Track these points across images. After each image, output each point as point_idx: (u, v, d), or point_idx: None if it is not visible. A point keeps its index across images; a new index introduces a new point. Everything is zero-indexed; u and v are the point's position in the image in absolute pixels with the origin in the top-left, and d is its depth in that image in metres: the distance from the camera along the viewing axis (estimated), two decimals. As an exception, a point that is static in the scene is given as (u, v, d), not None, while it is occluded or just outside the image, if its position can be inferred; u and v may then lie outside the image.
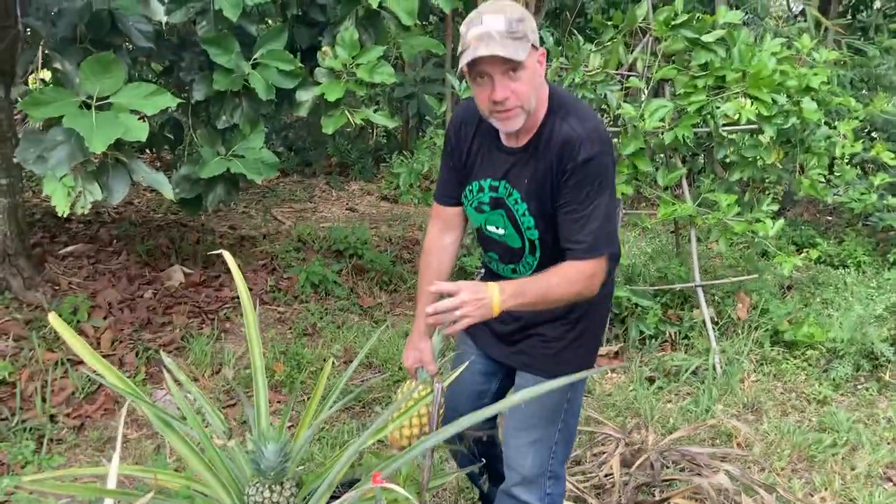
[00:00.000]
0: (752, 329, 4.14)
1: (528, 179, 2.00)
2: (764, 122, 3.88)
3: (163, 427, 1.90)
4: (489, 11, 1.85)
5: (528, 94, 1.88)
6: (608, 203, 1.96)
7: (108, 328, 3.98)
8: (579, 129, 1.93)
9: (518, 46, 1.82)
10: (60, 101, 2.68)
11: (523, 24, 1.84)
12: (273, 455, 1.62)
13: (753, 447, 3.22)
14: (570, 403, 2.18)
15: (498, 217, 2.11)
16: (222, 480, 1.80)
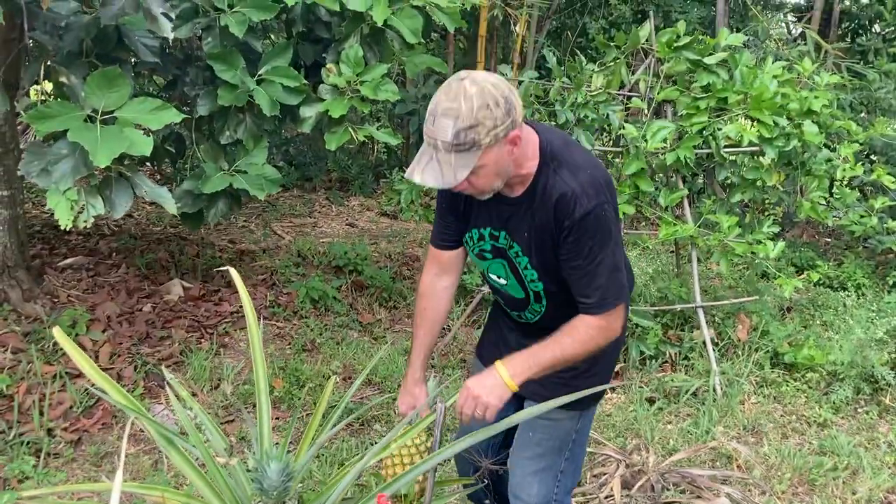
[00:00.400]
0: (752, 350, 4.13)
1: (526, 233, 1.97)
2: (765, 144, 3.89)
3: (164, 443, 1.89)
4: (442, 112, 1.71)
5: (489, 182, 1.82)
6: (613, 253, 1.92)
7: (106, 341, 3.96)
8: (573, 184, 1.85)
9: (462, 161, 1.72)
10: (66, 115, 2.69)
11: (475, 130, 1.69)
12: (276, 474, 1.61)
13: (754, 470, 3.20)
14: (579, 434, 2.18)
15: (500, 266, 2.09)
16: (224, 499, 1.79)
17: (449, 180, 1.74)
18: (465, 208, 2.07)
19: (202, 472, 1.84)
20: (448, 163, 1.73)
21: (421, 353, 2.27)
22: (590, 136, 4.12)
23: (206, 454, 1.81)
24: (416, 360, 2.27)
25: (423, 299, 2.26)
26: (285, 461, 1.62)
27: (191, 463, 1.86)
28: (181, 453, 1.88)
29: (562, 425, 2.13)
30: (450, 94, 1.71)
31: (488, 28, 7.47)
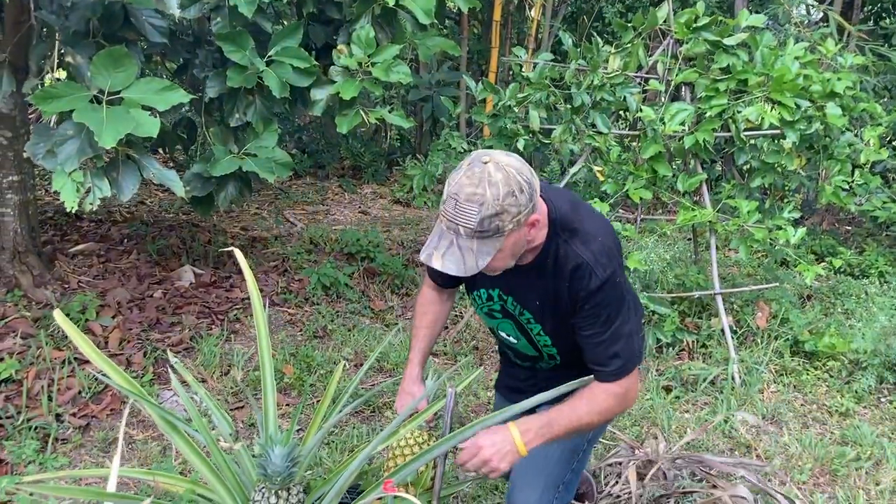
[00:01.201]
0: (771, 338, 4.05)
1: (539, 301, 1.95)
2: (786, 128, 3.80)
3: (168, 429, 1.84)
4: (465, 197, 1.66)
5: (504, 263, 1.80)
6: (629, 320, 1.90)
7: (116, 327, 3.93)
8: (586, 254, 1.83)
9: (483, 249, 1.69)
10: (71, 96, 2.64)
11: (500, 217, 1.66)
12: (280, 460, 1.55)
13: (773, 459, 3.13)
14: (589, 444, 2.13)
15: (509, 326, 2.09)
16: (227, 485, 1.74)
17: (471, 267, 1.70)
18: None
19: (206, 458, 1.79)
20: (470, 249, 1.69)
21: (419, 354, 2.26)
22: (606, 120, 4.04)
23: (210, 439, 1.76)
24: (414, 359, 2.25)
25: (422, 305, 2.28)
26: (290, 446, 1.57)
27: (195, 449, 1.81)
28: (185, 439, 1.83)
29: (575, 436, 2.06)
30: (473, 178, 1.66)
31: (503, 13, 7.38)
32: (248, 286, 2.05)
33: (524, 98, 4.14)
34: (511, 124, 4.14)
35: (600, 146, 4.06)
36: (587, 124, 4.08)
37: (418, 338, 2.28)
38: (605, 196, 4.05)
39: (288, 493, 1.60)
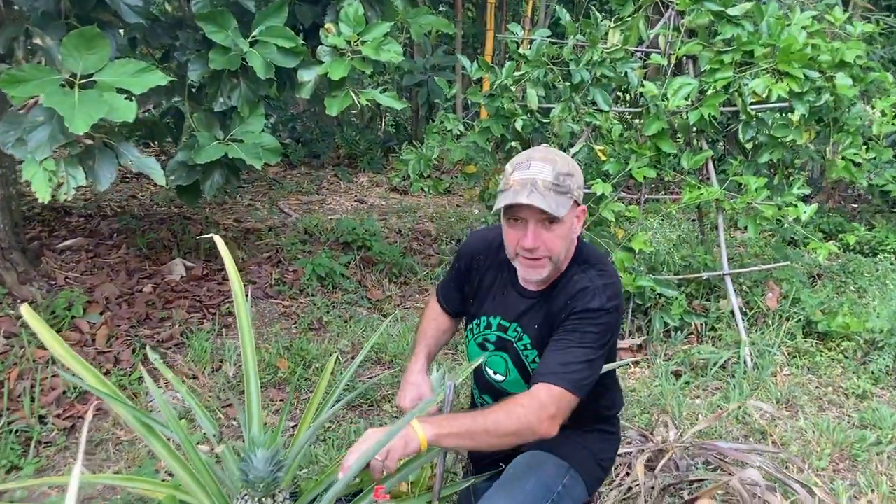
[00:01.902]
0: (782, 319, 3.90)
1: (538, 325, 1.93)
2: (795, 100, 3.64)
3: (143, 431, 1.70)
4: (539, 158, 1.80)
5: (559, 247, 1.82)
6: (597, 360, 1.83)
7: (104, 324, 3.79)
8: (598, 281, 1.86)
9: (560, 201, 1.76)
10: (40, 79, 2.48)
11: (571, 178, 1.79)
12: (263, 464, 1.41)
13: (790, 445, 2.99)
14: (566, 490, 1.94)
15: (500, 360, 2.02)
16: (208, 490, 1.60)
17: (553, 207, 1.74)
18: (478, 291, 2.06)
19: (184, 462, 1.65)
20: (547, 198, 1.74)
21: (426, 349, 2.16)
22: (606, 97, 3.88)
23: (187, 442, 1.61)
24: (420, 353, 2.14)
25: (431, 312, 2.25)
26: (273, 449, 1.42)
27: (173, 452, 1.67)
28: (162, 441, 1.69)
29: (547, 471, 1.94)
30: (537, 151, 1.83)
31: (497, -7, 7.21)
32: (229, 274, 1.91)
33: (521, 76, 3.99)
34: (508, 104, 3.99)
35: (601, 124, 3.90)
36: (587, 102, 3.93)
37: (425, 336, 2.21)
38: (607, 176, 3.90)
39: (273, 501, 1.46)
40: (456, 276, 2.16)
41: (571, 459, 1.98)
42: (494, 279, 2.04)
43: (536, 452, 1.98)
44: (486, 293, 2.05)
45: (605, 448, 2.11)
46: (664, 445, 2.77)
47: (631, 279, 3.77)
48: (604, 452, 2.10)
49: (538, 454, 1.97)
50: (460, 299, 2.16)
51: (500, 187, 1.83)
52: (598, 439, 2.08)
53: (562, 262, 1.88)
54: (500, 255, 2.00)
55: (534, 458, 1.96)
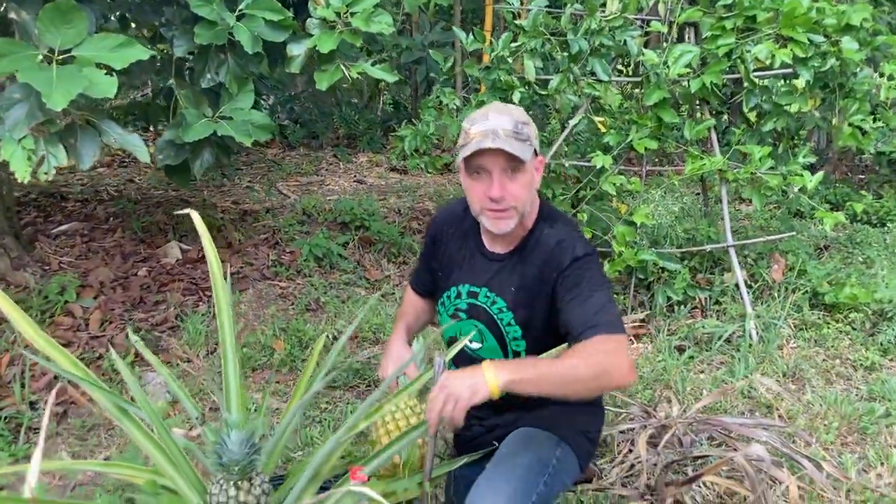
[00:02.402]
0: (788, 292, 3.81)
1: (514, 287, 1.92)
2: (799, 66, 3.53)
3: (119, 415, 1.64)
4: (495, 111, 1.84)
5: (524, 196, 1.85)
6: (610, 298, 1.83)
7: (97, 308, 3.74)
8: (569, 234, 1.90)
9: (522, 148, 1.79)
10: (16, 54, 2.40)
11: (528, 127, 1.84)
12: (237, 446, 1.34)
13: (797, 419, 2.91)
14: (560, 464, 1.89)
15: (472, 328, 1.99)
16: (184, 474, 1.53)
17: (518, 151, 1.77)
18: (446, 264, 2.06)
19: (162, 446, 1.59)
20: (510, 144, 1.77)
21: (404, 326, 2.16)
22: (606, 66, 3.78)
23: (160, 425, 1.55)
24: (399, 328, 2.15)
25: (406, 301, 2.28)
26: (248, 431, 1.36)
27: (149, 436, 1.61)
28: (137, 424, 1.62)
29: (540, 445, 1.90)
30: (494, 105, 1.89)
31: (494, -34, 7.06)
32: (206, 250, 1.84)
33: (518, 48, 3.89)
34: (505, 77, 3.89)
35: (601, 95, 3.80)
36: (586, 73, 3.82)
37: (405, 314, 2.21)
38: (608, 148, 3.81)
39: (250, 484, 1.39)
40: (425, 255, 2.17)
41: (560, 433, 1.94)
42: (460, 248, 2.03)
43: (526, 429, 1.94)
44: (453, 264, 2.04)
45: (590, 420, 2.07)
46: (667, 421, 2.70)
47: (632, 253, 3.69)
48: (590, 425, 2.06)
49: (528, 430, 1.93)
50: (431, 279, 2.14)
51: (459, 143, 1.86)
52: (582, 412, 2.03)
53: (527, 215, 1.90)
54: (465, 224, 2.01)
55: (525, 435, 1.92)
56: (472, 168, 1.83)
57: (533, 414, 1.97)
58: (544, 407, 1.94)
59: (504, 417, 2.01)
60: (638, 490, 2.42)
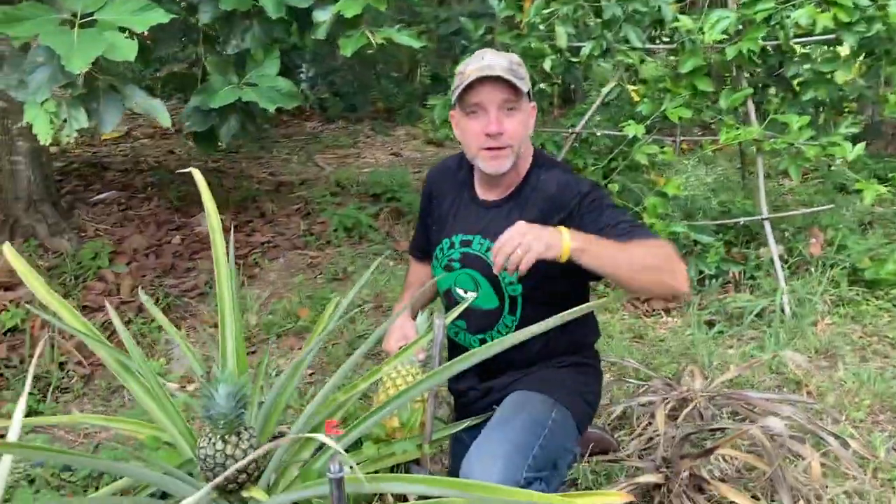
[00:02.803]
0: (826, 267, 3.69)
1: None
2: (843, 31, 3.38)
3: (120, 370, 1.65)
4: (491, 52, 1.87)
5: (520, 135, 1.86)
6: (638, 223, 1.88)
7: (129, 274, 3.80)
8: (568, 175, 1.94)
9: (519, 82, 1.81)
10: (38, 18, 2.43)
11: (522, 68, 1.86)
12: (224, 400, 1.34)
13: (827, 396, 2.82)
14: (556, 425, 1.85)
15: (468, 277, 1.98)
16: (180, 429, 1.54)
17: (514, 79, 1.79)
18: (441, 218, 2.06)
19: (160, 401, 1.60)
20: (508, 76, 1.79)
21: (408, 298, 2.16)
22: (639, 33, 3.68)
23: (154, 381, 1.55)
24: (403, 301, 2.16)
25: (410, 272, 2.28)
26: (237, 386, 1.35)
27: (149, 391, 1.62)
28: (139, 381, 1.64)
29: (535, 407, 1.87)
30: (489, 49, 1.90)
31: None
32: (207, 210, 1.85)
33: (550, 14, 3.80)
34: (537, 44, 3.81)
35: (634, 63, 3.71)
36: (619, 39, 3.73)
37: (409, 286, 2.24)
38: (641, 118, 3.72)
39: (238, 438, 1.39)
40: (421, 216, 2.17)
41: (555, 395, 1.91)
42: (453, 201, 2.02)
43: (521, 392, 1.92)
44: (446, 217, 2.03)
45: (586, 381, 2.04)
46: (689, 394, 2.63)
47: (664, 225, 3.61)
48: (586, 386, 2.04)
49: (524, 393, 1.91)
50: (428, 240, 2.12)
51: (455, 84, 1.86)
52: (577, 372, 2.01)
53: (521, 157, 1.91)
54: (459, 177, 2.01)
55: (521, 397, 1.90)
56: (469, 107, 1.83)
57: (527, 377, 1.95)
58: (538, 369, 1.94)
59: (499, 380, 1.99)
60: (654, 462, 2.37)
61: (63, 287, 3.59)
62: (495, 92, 1.79)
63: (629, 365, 2.96)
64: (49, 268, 3.76)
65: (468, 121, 1.85)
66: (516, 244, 1.56)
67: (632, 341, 3.30)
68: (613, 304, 3.59)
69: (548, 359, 1.94)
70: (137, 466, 1.34)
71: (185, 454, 1.53)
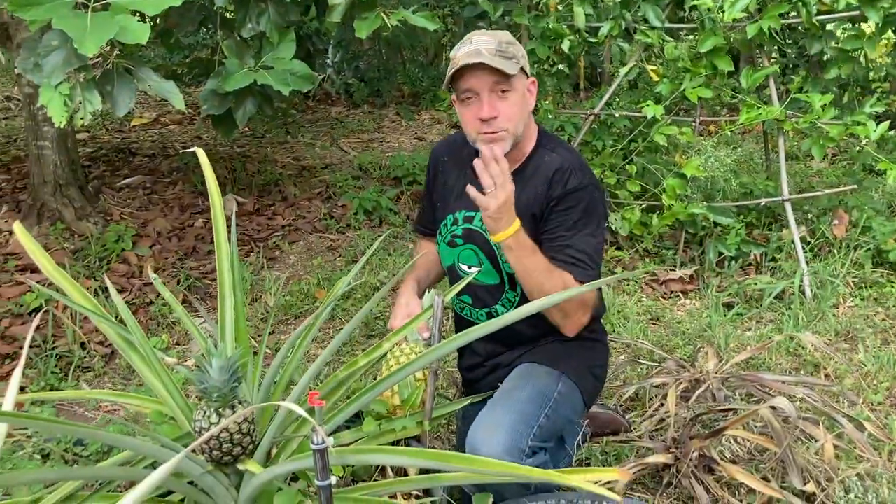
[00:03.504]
0: (850, 249, 3.63)
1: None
2: (867, 7, 3.31)
3: (124, 346, 1.68)
4: (479, 34, 1.85)
5: (515, 116, 1.84)
6: (597, 240, 1.87)
7: (151, 256, 3.86)
8: (571, 159, 1.90)
9: (507, 64, 1.78)
10: (52, 2, 2.47)
11: (513, 46, 1.83)
12: (218, 373, 1.36)
13: (844, 379, 2.78)
14: (561, 398, 1.88)
15: (471, 253, 2.00)
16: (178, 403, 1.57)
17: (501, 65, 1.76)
18: (445, 193, 2.07)
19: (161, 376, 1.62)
20: (494, 61, 1.76)
21: (414, 277, 2.13)
22: (658, 12, 3.63)
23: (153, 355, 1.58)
24: (408, 280, 2.12)
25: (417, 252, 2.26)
26: (231, 359, 1.37)
27: (151, 365, 1.65)
28: (141, 356, 1.67)
29: (540, 379, 1.89)
30: (479, 31, 1.88)
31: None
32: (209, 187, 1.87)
33: (568, -6, 3.77)
34: (554, 24, 3.78)
35: (653, 42, 3.66)
36: (638, 19, 3.69)
37: (415, 266, 2.20)
38: (660, 98, 3.68)
39: (233, 412, 1.41)
40: (426, 191, 2.18)
41: (561, 367, 1.92)
42: (457, 177, 2.02)
43: (528, 365, 1.94)
44: (450, 193, 2.04)
45: (593, 356, 2.05)
46: (702, 375, 2.61)
47: (682, 207, 3.57)
48: (593, 360, 2.04)
49: (530, 366, 1.93)
50: (434, 216, 2.12)
51: (449, 70, 1.84)
52: (583, 346, 2.01)
53: (522, 138, 1.89)
54: (464, 153, 1.99)
55: (526, 370, 1.92)
56: (462, 93, 1.83)
57: (534, 351, 1.96)
58: (544, 344, 1.96)
59: (505, 356, 2.01)
60: (664, 443, 2.36)
61: (87, 269, 3.65)
62: (484, 77, 1.78)
63: (644, 346, 2.94)
64: (74, 250, 3.83)
65: (463, 107, 1.86)
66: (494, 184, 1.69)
67: (648, 323, 3.28)
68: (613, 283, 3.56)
69: (554, 333, 1.93)
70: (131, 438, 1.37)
71: (184, 427, 1.56)
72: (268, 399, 1.69)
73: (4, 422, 1.15)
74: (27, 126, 4.11)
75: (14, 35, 3.68)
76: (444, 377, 2.69)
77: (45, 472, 1.22)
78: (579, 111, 4.19)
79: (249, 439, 1.44)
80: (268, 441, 1.47)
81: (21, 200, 4.33)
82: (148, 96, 7.64)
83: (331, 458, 1.19)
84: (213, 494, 1.43)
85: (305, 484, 1.66)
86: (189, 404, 1.57)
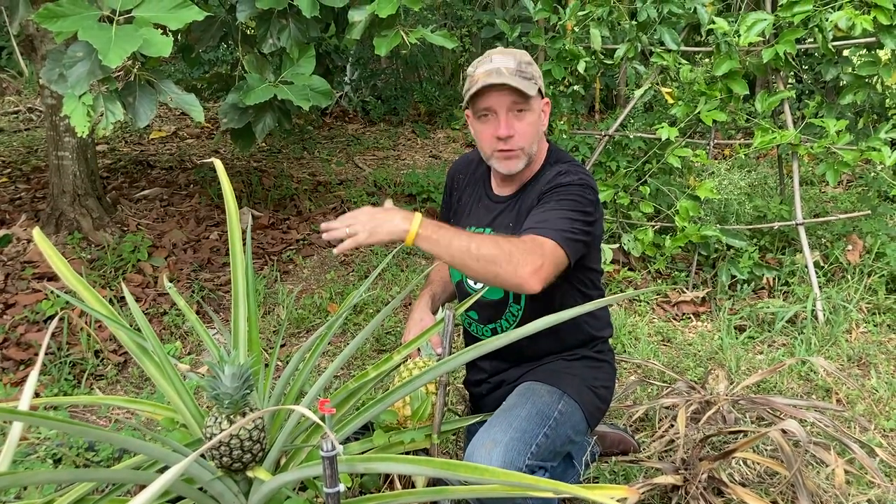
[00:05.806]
0: (864, 275, 3.61)
1: (512, 223, 1.96)
2: (883, 34, 3.33)
3: (138, 352, 1.70)
4: (498, 53, 1.88)
5: (531, 136, 1.88)
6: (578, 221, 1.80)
7: (166, 267, 3.90)
8: (567, 167, 1.92)
9: (526, 85, 1.82)
10: (78, 14, 2.52)
11: (531, 67, 1.87)
12: (229, 380, 1.38)
13: (856, 404, 2.77)
14: (562, 417, 1.88)
15: None
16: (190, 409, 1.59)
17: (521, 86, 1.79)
18: (459, 210, 2.12)
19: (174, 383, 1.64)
20: (515, 81, 1.80)
21: (429, 293, 2.17)
22: (675, 35, 3.66)
23: (166, 361, 1.60)
24: (423, 296, 2.16)
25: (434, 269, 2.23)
26: (243, 367, 1.39)
27: (164, 372, 1.67)
28: (155, 363, 1.69)
29: (541, 397, 1.89)
30: (497, 49, 1.91)
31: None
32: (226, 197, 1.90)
33: (585, 16, 3.80)
34: (571, 46, 3.81)
35: (669, 65, 3.68)
36: (654, 42, 3.71)
37: (431, 282, 2.24)
38: (675, 120, 3.69)
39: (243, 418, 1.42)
40: (443, 208, 2.21)
41: (564, 386, 1.93)
42: (472, 195, 2.07)
43: (530, 383, 1.94)
44: (464, 209, 2.08)
45: (598, 376, 2.05)
46: (712, 397, 2.61)
47: (695, 229, 3.58)
48: (598, 380, 2.04)
49: (532, 385, 1.94)
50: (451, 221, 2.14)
51: (465, 88, 1.87)
52: (588, 366, 2.02)
53: (535, 157, 1.93)
54: (478, 172, 2.05)
55: (528, 388, 1.92)
56: (480, 111, 1.87)
57: (538, 369, 1.97)
58: (548, 361, 1.95)
59: (509, 373, 2.02)
60: (673, 464, 2.35)
61: (102, 278, 3.69)
62: (503, 96, 1.82)
63: (654, 367, 2.94)
64: (91, 260, 3.87)
65: (480, 125, 1.90)
66: (347, 225, 1.63)
67: (659, 344, 3.27)
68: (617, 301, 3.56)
69: (558, 351, 1.96)
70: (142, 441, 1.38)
71: (195, 434, 1.58)
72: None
73: (21, 421, 1.17)
74: (48, 136, 4.17)
75: (39, 47, 3.75)
76: (453, 393, 2.70)
77: (58, 474, 1.23)
78: (594, 132, 4.22)
79: (259, 447, 1.46)
80: (277, 449, 1.48)
81: (40, 210, 4.39)
82: (167, 110, 7.74)
83: (340, 466, 1.20)
84: (223, 500, 1.45)
85: (313, 494, 1.67)
86: (201, 412, 1.59)
